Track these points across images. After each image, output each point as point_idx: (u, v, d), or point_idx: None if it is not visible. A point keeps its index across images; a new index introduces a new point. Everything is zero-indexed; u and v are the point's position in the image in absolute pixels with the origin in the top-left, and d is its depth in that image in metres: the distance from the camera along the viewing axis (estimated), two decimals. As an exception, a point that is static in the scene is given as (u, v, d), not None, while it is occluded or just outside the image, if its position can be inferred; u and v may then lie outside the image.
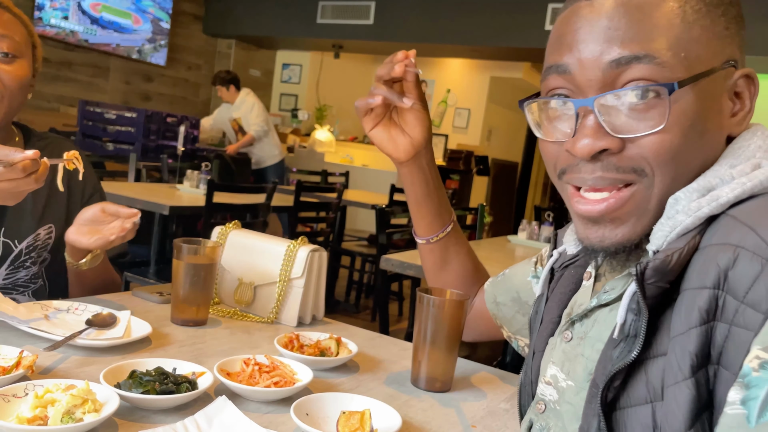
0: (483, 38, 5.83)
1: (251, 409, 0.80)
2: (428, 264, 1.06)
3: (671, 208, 0.57)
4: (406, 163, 0.96)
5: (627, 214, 0.59)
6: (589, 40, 0.58)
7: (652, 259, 0.54)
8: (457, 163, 7.40)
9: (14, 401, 0.69)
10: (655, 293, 0.54)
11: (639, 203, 0.58)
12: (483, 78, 8.07)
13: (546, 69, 0.63)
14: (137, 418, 0.74)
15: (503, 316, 0.98)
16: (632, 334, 0.55)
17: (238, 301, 1.24)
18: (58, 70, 5.88)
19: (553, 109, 0.63)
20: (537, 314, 0.78)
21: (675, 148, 0.56)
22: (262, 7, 6.81)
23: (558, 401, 0.67)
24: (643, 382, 0.54)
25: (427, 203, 0.99)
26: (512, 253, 2.71)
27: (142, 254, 3.27)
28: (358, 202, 4.42)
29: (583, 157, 0.58)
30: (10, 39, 1.11)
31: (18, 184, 0.89)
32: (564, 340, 0.68)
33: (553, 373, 0.68)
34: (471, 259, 1.07)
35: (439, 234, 1.02)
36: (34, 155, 0.89)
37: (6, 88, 1.10)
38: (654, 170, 0.57)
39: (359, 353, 1.06)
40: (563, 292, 0.74)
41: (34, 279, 1.23)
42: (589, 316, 0.65)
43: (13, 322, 0.94)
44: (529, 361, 0.76)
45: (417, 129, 0.93)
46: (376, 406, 0.79)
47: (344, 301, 4.53)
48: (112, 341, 0.94)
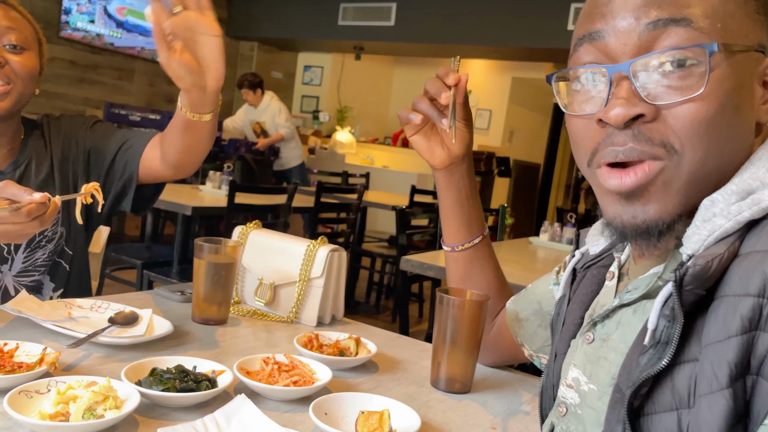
0: (505, 38, 5.79)
1: (270, 407, 0.80)
2: (452, 273, 1.05)
3: (707, 210, 0.54)
4: (440, 171, 0.98)
5: (656, 190, 0.57)
6: (624, 5, 0.56)
7: (691, 265, 0.52)
8: (479, 164, 7.35)
9: (37, 397, 0.70)
10: (691, 300, 0.52)
11: (668, 179, 0.56)
12: (504, 79, 8.02)
13: (576, 41, 0.61)
14: (157, 416, 0.74)
15: (525, 333, 0.95)
16: (663, 340, 0.53)
17: (258, 300, 1.24)
18: (84, 73, 5.98)
19: (584, 81, 0.61)
20: (559, 316, 0.76)
21: (710, 118, 0.54)
22: (284, 9, 6.86)
23: (580, 405, 0.65)
24: (668, 388, 0.52)
25: (457, 210, 1.00)
26: (534, 255, 2.69)
27: (165, 254, 3.31)
28: (379, 203, 4.42)
29: (617, 124, 0.56)
30: (17, 32, 1.15)
31: (23, 227, 0.88)
32: (586, 341, 0.66)
33: (574, 375, 0.67)
34: (497, 278, 1.04)
35: (465, 244, 1.01)
36: (42, 199, 0.87)
37: (17, 76, 1.14)
38: (684, 145, 0.55)
39: (378, 353, 1.05)
40: (585, 293, 0.73)
41: (51, 256, 1.23)
42: (611, 317, 0.64)
43: (36, 320, 0.95)
44: (551, 363, 0.75)
45: (457, 144, 0.95)
46: (395, 406, 0.79)
47: (364, 302, 4.53)
48: (133, 339, 0.95)
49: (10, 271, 1.19)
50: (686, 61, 0.54)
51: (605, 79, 0.58)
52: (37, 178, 1.23)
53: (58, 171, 1.26)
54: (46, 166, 1.25)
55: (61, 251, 1.25)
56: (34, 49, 1.19)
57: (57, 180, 1.25)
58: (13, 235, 0.89)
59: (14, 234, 0.89)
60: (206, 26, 0.89)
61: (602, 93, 0.59)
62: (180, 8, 0.86)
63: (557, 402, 0.69)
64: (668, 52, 0.54)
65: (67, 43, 5.72)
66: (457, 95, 0.89)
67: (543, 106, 8.88)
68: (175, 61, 0.91)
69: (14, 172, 1.21)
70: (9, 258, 1.18)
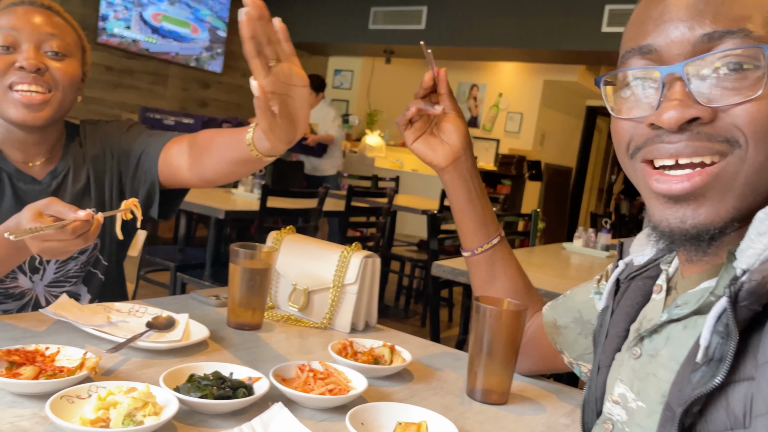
0: (537, 41, 5.73)
1: (306, 416, 0.80)
2: (475, 279, 1.05)
3: (761, 224, 0.52)
4: (446, 169, 1.00)
5: (712, 191, 0.54)
6: (677, 18, 0.55)
7: (747, 280, 0.50)
8: (509, 168, 7.30)
9: (78, 402, 0.71)
10: (747, 316, 0.50)
11: (727, 179, 0.54)
12: (536, 81, 7.95)
13: (624, 53, 0.60)
14: (195, 422, 0.74)
15: (564, 341, 0.93)
16: (717, 357, 0.51)
17: (291, 305, 1.25)
18: (120, 78, 6.10)
19: (634, 86, 0.59)
20: (601, 328, 0.74)
21: None
22: (315, 14, 6.91)
23: (627, 423, 0.63)
24: (723, 407, 0.50)
25: (471, 211, 1.01)
26: (567, 261, 2.64)
27: (197, 257, 3.35)
28: (408, 207, 4.41)
29: (670, 127, 0.54)
30: (59, 39, 1.14)
31: (67, 244, 0.88)
32: (633, 356, 0.64)
33: (621, 391, 0.65)
34: (521, 278, 1.04)
35: (485, 245, 1.01)
36: (86, 216, 0.87)
37: (57, 83, 1.13)
38: (749, 141, 0.53)
39: (413, 362, 1.04)
40: (630, 305, 0.71)
41: (84, 267, 1.23)
42: (659, 332, 0.62)
43: (77, 324, 0.97)
44: (594, 376, 0.73)
45: (454, 135, 0.98)
46: (433, 417, 0.78)
47: (393, 306, 4.52)
48: (171, 344, 0.95)
49: (42, 281, 1.18)
50: (743, 64, 0.53)
51: (656, 84, 0.56)
52: (73, 188, 1.22)
53: (94, 182, 1.25)
54: (83, 177, 1.24)
55: (95, 262, 1.25)
56: (77, 56, 1.18)
57: (93, 192, 1.25)
58: (57, 252, 0.89)
59: (59, 251, 0.89)
60: (298, 77, 0.84)
61: (652, 97, 0.57)
62: (274, 62, 0.82)
63: (602, 418, 0.68)
64: (723, 53, 0.53)
65: (104, 49, 5.85)
66: (439, 85, 0.97)
67: (575, 108, 8.77)
68: (277, 126, 0.87)
69: (51, 183, 1.21)
70: (41, 268, 1.18)
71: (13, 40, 1.10)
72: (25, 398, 0.74)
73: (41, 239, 0.86)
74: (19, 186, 1.17)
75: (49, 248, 0.88)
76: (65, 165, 1.23)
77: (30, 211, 0.88)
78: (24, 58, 1.09)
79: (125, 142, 1.29)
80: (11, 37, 1.10)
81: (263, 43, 0.79)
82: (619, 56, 0.61)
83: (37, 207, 0.88)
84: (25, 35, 1.11)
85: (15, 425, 0.68)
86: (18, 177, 1.17)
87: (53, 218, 0.88)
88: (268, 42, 0.79)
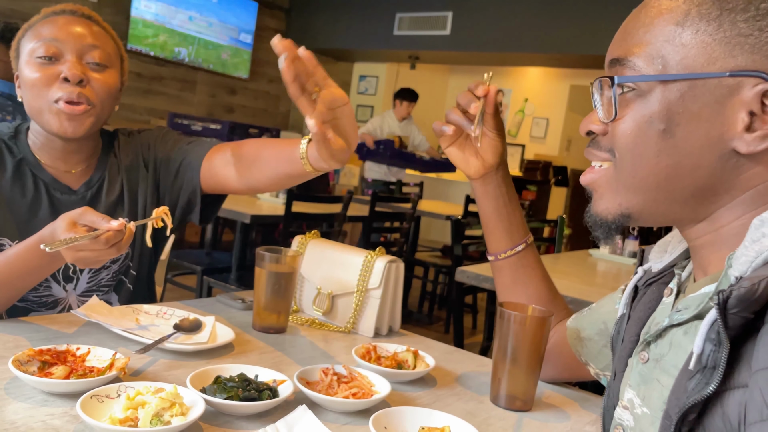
0: (563, 46, 5.69)
1: (329, 419, 0.80)
2: (498, 283, 1.05)
3: (756, 231, 0.53)
4: (476, 180, 1.01)
5: (601, 187, 0.67)
6: (614, 39, 0.66)
7: (736, 287, 0.50)
8: (535, 173, 7.24)
9: (107, 402, 0.72)
10: (738, 323, 0.50)
11: (609, 180, 0.65)
12: (562, 86, 7.88)
13: None
14: (220, 423, 0.75)
15: (588, 353, 0.93)
16: (710, 365, 0.51)
17: (316, 309, 1.25)
18: (150, 84, 6.22)
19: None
20: (618, 335, 0.74)
21: (629, 137, 0.62)
22: (341, 20, 6.95)
23: (634, 429, 0.63)
24: (719, 415, 0.50)
25: (496, 219, 1.01)
26: (594, 268, 2.61)
27: (223, 260, 3.39)
28: (433, 212, 4.40)
29: (582, 134, 0.68)
30: (101, 49, 1.14)
31: (100, 254, 0.90)
32: (641, 361, 0.64)
33: (629, 397, 0.65)
34: (546, 285, 1.03)
35: (508, 252, 1.01)
36: (119, 226, 0.88)
37: (97, 96, 1.13)
38: (617, 154, 0.63)
39: (436, 367, 1.04)
40: (643, 310, 0.71)
41: (115, 276, 1.24)
42: (663, 337, 0.62)
43: (106, 325, 0.99)
44: (611, 383, 0.72)
45: (489, 153, 0.99)
46: (456, 423, 0.77)
47: (417, 311, 4.51)
48: (198, 346, 0.97)
49: (75, 290, 1.19)
50: (603, 91, 0.64)
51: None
52: (107, 200, 1.22)
53: (128, 193, 1.25)
54: (117, 188, 1.24)
55: (125, 270, 1.25)
56: (116, 66, 1.19)
57: (126, 203, 1.24)
58: (90, 261, 0.91)
59: (92, 260, 0.91)
60: (339, 98, 0.85)
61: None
62: (316, 93, 0.83)
63: (614, 423, 0.67)
64: (596, 82, 0.65)
65: (134, 56, 5.97)
66: (486, 105, 0.93)
67: (602, 114, 8.65)
68: (336, 151, 0.90)
69: (86, 193, 1.21)
70: (74, 278, 1.19)
71: (56, 50, 1.11)
72: (56, 397, 0.76)
73: (75, 249, 0.88)
74: (55, 195, 1.18)
75: (83, 258, 0.90)
76: (100, 176, 1.24)
77: (64, 221, 0.90)
78: (68, 69, 1.09)
79: (161, 151, 1.29)
80: (54, 48, 1.10)
81: (304, 80, 0.81)
82: None
83: (72, 217, 0.90)
84: (68, 46, 1.11)
85: (46, 423, 0.70)
86: (54, 186, 1.18)
87: (87, 228, 0.89)
88: (307, 77, 0.81)
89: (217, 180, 1.22)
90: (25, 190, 1.16)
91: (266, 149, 1.12)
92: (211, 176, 1.23)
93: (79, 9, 1.17)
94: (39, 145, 1.19)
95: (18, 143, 1.19)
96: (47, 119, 1.12)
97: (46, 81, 1.10)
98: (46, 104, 1.11)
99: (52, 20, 1.13)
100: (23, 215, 1.15)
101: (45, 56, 1.10)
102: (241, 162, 1.16)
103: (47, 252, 0.85)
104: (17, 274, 1.00)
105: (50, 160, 1.19)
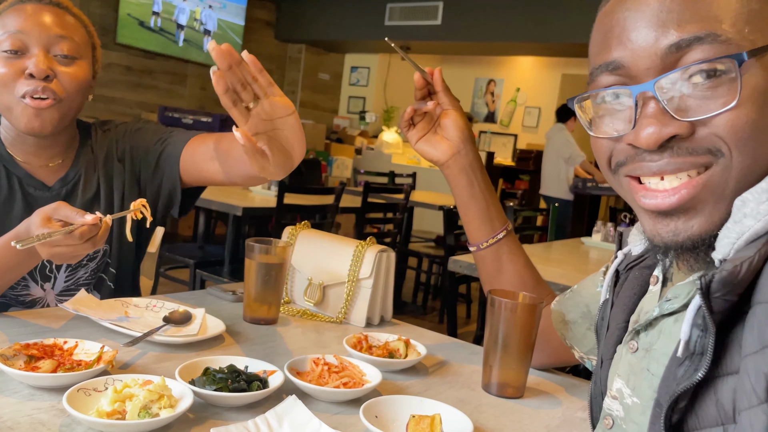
0: (554, 35, 5.68)
1: (320, 409, 0.80)
2: (483, 273, 1.05)
3: (738, 211, 0.51)
4: (446, 164, 1.02)
5: (702, 202, 0.53)
6: (640, 27, 0.53)
7: (718, 270, 0.49)
8: (527, 163, 7.24)
9: (95, 395, 0.72)
10: (723, 307, 0.49)
11: (715, 189, 0.53)
12: (554, 76, 7.87)
13: (593, 70, 0.58)
14: (210, 415, 0.75)
15: (573, 336, 0.93)
16: (698, 351, 0.50)
17: (307, 300, 1.25)
18: (140, 78, 6.17)
19: (607, 103, 0.58)
20: (603, 320, 0.73)
21: (753, 123, 0.51)
22: (332, 11, 6.91)
23: (624, 419, 0.63)
24: (712, 402, 0.49)
25: (474, 206, 1.02)
26: (586, 256, 2.62)
27: (216, 253, 3.38)
28: (425, 203, 4.39)
29: (649, 147, 0.53)
30: (69, 40, 1.09)
31: (75, 249, 0.88)
32: (630, 350, 0.63)
33: (618, 386, 0.64)
34: (529, 272, 1.03)
35: (489, 240, 1.01)
36: (93, 221, 0.86)
37: (65, 90, 1.08)
38: (732, 149, 0.52)
39: (428, 356, 1.04)
40: (629, 296, 0.70)
41: (94, 274, 1.20)
42: (654, 326, 0.61)
43: (94, 318, 0.98)
44: (598, 370, 0.72)
45: (451, 130, 1.01)
46: (447, 410, 0.77)
47: (411, 302, 4.52)
48: (187, 338, 0.96)
49: (53, 289, 1.16)
50: (715, 73, 0.51)
51: (630, 101, 0.55)
52: (83, 196, 1.19)
53: (105, 190, 1.21)
54: (93, 185, 1.21)
55: (104, 268, 1.21)
56: (87, 57, 1.14)
57: (103, 199, 1.21)
58: (66, 257, 0.89)
59: (68, 256, 0.89)
60: (281, 107, 0.82)
61: (628, 113, 0.55)
62: (253, 103, 0.80)
63: (603, 413, 0.67)
64: (694, 66, 0.51)
65: (124, 50, 5.92)
66: (434, 86, 1.02)
67: (594, 103, 8.66)
68: (270, 164, 0.86)
69: (61, 190, 1.17)
70: (51, 276, 1.16)
71: (21, 44, 1.06)
72: (43, 391, 0.75)
73: (50, 245, 0.86)
74: (29, 191, 1.15)
75: (59, 253, 0.88)
76: (76, 172, 1.20)
77: (39, 216, 0.88)
78: (33, 65, 1.05)
79: (140, 144, 1.25)
80: (19, 41, 1.06)
81: (239, 90, 0.78)
82: (589, 74, 0.60)
83: (46, 212, 0.88)
84: (33, 38, 1.06)
85: (33, 417, 0.69)
86: (28, 183, 1.15)
87: (62, 223, 0.87)
88: (243, 86, 0.78)
89: (200, 173, 1.19)
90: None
91: (234, 149, 1.08)
92: (195, 169, 1.20)
93: None
94: (11, 141, 1.15)
95: None
96: (15, 116, 1.08)
97: (12, 76, 1.05)
98: (13, 100, 1.06)
99: (20, 8, 1.08)
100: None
101: (10, 50, 1.05)
102: (223, 156, 1.13)
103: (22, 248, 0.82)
104: None
105: (23, 156, 1.15)
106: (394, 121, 7.95)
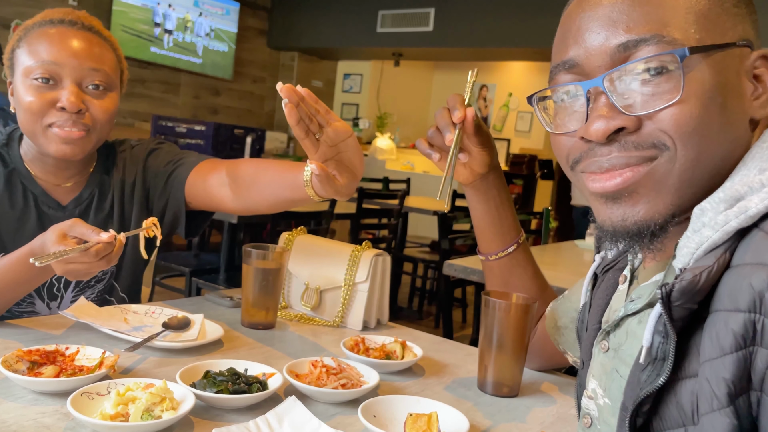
0: (546, 39, 5.70)
1: (319, 410, 0.81)
2: (489, 281, 1.05)
3: (697, 221, 0.52)
4: (467, 186, 1.01)
5: (645, 188, 0.56)
6: (593, 28, 0.57)
7: (678, 280, 0.50)
8: (520, 167, 7.27)
9: (98, 399, 0.73)
10: (683, 315, 0.50)
11: (659, 178, 0.55)
12: (546, 80, 7.89)
13: (552, 69, 0.62)
14: (211, 417, 0.76)
15: (566, 341, 0.94)
16: (660, 357, 0.52)
17: (304, 305, 1.26)
18: (133, 87, 6.17)
19: (563, 101, 0.61)
20: (582, 323, 0.75)
21: (697, 118, 0.53)
22: (324, 19, 6.94)
23: (598, 419, 0.65)
24: (674, 404, 0.51)
25: (487, 221, 1.01)
26: (580, 258, 2.64)
27: (212, 261, 3.38)
28: (420, 208, 4.41)
29: (598, 140, 0.56)
30: (102, 73, 1.10)
31: (90, 266, 0.89)
32: (602, 350, 0.65)
33: (593, 387, 0.66)
34: (537, 284, 1.04)
35: (499, 253, 1.02)
36: (109, 239, 0.88)
37: (96, 121, 1.10)
38: (676, 143, 0.54)
39: (424, 357, 1.06)
40: (602, 298, 0.72)
41: (100, 295, 1.21)
42: (620, 326, 0.63)
43: (95, 325, 0.99)
44: (580, 372, 0.74)
45: (477, 163, 0.97)
46: (443, 409, 0.79)
47: (407, 307, 4.52)
48: (187, 343, 0.97)
49: (59, 308, 1.17)
50: (659, 69, 0.54)
51: (583, 97, 0.58)
52: (96, 217, 1.20)
53: (118, 210, 1.22)
54: (107, 205, 1.22)
55: (110, 289, 1.22)
56: (117, 85, 1.15)
57: (116, 220, 1.22)
58: (80, 274, 0.91)
59: (82, 272, 0.90)
60: (342, 132, 0.86)
61: (581, 111, 0.59)
62: (320, 132, 0.84)
63: (582, 413, 0.69)
64: (639, 62, 0.54)
65: (117, 59, 5.93)
66: (465, 130, 0.91)
67: (586, 107, 8.71)
68: (343, 186, 0.90)
69: (75, 210, 1.18)
70: (59, 295, 1.17)
71: (54, 74, 1.06)
72: (47, 396, 0.76)
73: (65, 262, 0.88)
74: (43, 210, 1.15)
75: (73, 270, 0.89)
76: (90, 192, 1.20)
77: (54, 232, 0.89)
78: (66, 99, 1.05)
79: (152, 165, 1.26)
80: (51, 71, 1.06)
81: (307, 121, 0.82)
82: (549, 73, 0.63)
83: (62, 229, 0.90)
84: (67, 70, 1.06)
85: (38, 422, 0.70)
86: (44, 200, 1.16)
87: (77, 240, 0.89)
88: (310, 119, 0.82)
89: (212, 199, 1.19)
90: (14, 202, 1.13)
91: (266, 172, 1.08)
92: (204, 194, 1.19)
93: (79, 18, 1.11)
94: (31, 157, 1.16)
95: (10, 152, 1.16)
96: (42, 142, 1.09)
97: (41, 107, 1.06)
98: (41, 128, 1.07)
99: (51, 34, 1.07)
100: (11, 227, 1.12)
101: (42, 78, 1.05)
102: (237, 183, 1.12)
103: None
104: (9, 286, 0.99)
105: (42, 173, 1.16)
106: (387, 127, 7.98)
